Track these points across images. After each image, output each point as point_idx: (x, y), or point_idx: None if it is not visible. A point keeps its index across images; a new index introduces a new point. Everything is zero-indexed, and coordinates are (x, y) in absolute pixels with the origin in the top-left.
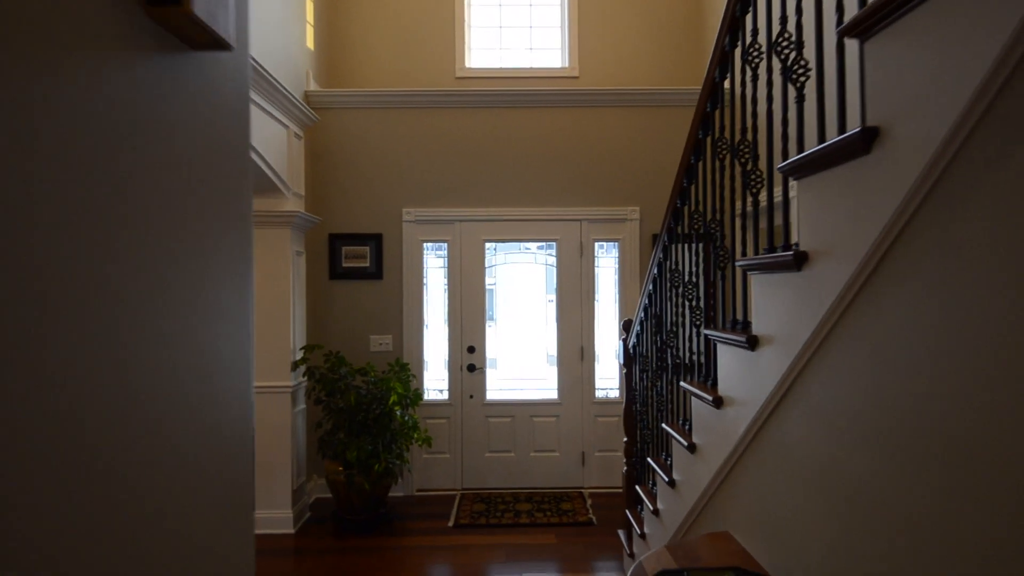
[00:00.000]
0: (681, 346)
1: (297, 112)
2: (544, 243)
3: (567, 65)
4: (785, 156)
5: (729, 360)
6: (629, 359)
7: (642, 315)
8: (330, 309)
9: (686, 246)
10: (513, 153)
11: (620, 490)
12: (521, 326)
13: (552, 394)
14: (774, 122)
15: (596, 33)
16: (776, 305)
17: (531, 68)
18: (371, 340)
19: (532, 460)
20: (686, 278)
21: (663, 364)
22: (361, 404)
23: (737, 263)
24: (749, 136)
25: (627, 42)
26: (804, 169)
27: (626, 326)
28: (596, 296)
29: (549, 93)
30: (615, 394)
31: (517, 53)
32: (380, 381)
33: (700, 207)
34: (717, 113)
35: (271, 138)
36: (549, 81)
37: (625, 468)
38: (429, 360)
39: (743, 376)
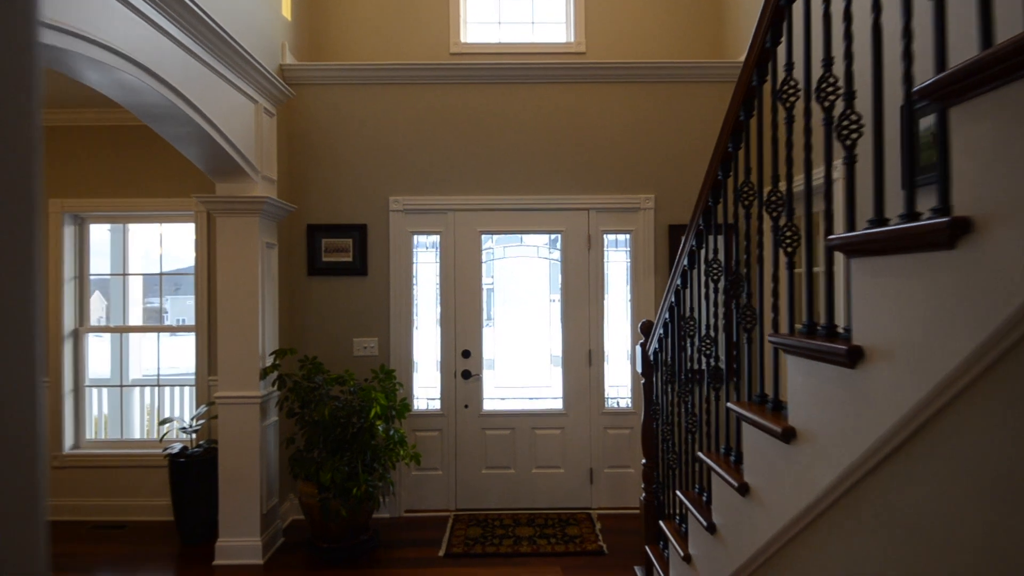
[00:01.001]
0: (721, 352)
1: (269, 86)
2: (547, 235)
3: (572, 40)
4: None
5: (808, 378)
6: (649, 367)
7: (667, 316)
8: (308, 309)
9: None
10: (513, 135)
11: (634, 511)
12: (522, 328)
13: (556, 403)
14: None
15: (604, 3)
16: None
17: (533, 43)
18: (354, 343)
19: (534, 478)
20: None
21: (694, 374)
22: (337, 418)
23: (769, 338)
24: (782, 184)
25: (638, 13)
26: (861, 248)
27: (644, 328)
28: (605, 294)
29: (553, 67)
30: (627, 403)
31: (518, 27)
32: (360, 391)
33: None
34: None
35: (235, 113)
36: (553, 58)
37: (644, 495)
38: (419, 366)
39: (834, 400)
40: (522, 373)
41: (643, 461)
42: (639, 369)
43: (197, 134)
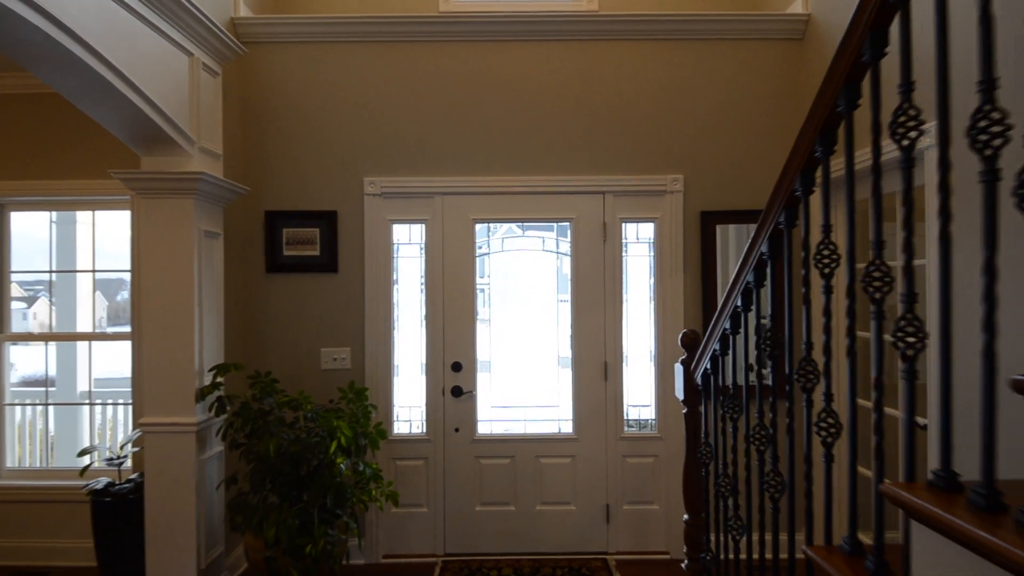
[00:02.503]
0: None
1: (210, 37)
2: (554, 224)
3: None
4: None
5: None
6: (696, 394)
7: (727, 325)
8: (266, 313)
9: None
10: (514, 104)
11: (660, 556)
12: (524, 336)
13: (566, 426)
14: None
15: None
16: None
17: (535, 1)
18: (322, 355)
19: (539, 516)
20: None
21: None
22: (287, 455)
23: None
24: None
25: None
26: None
27: (688, 342)
28: (624, 296)
29: (562, 20)
30: (651, 425)
31: None
32: (320, 418)
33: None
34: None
35: (159, 64)
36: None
37: (686, 563)
38: (400, 381)
39: None
40: (524, 390)
41: (685, 517)
42: (679, 394)
43: (101, 88)
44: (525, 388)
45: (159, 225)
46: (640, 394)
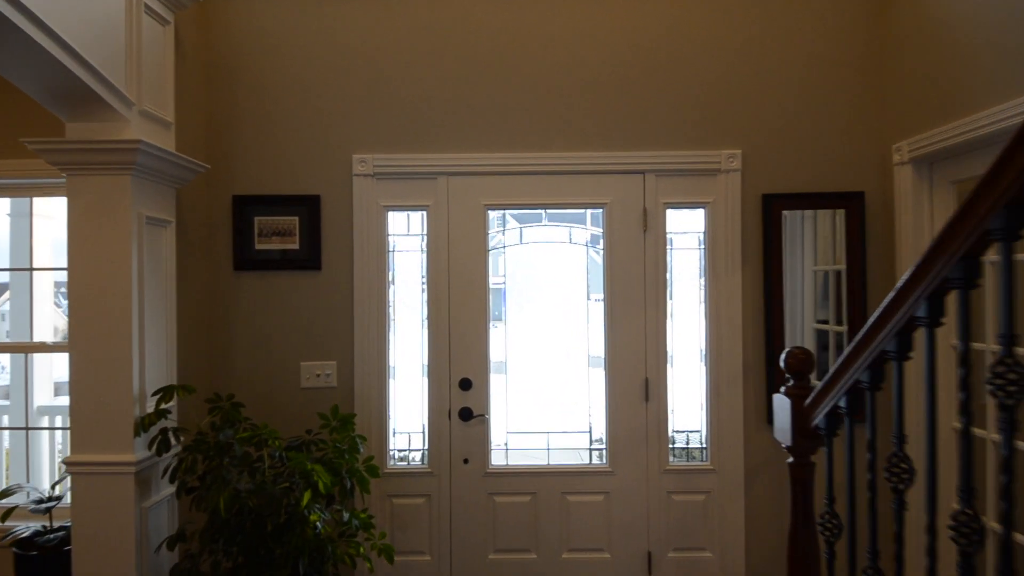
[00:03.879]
0: None
1: None
2: (584, 211)
3: None
4: None
5: None
6: (811, 439)
7: (894, 346)
8: (234, 320)
9: None
10: (535, 64)
11: None
12: (547, 347)
13: (598, 456)
14: None
15: None
16: None
17: None
18: (303, 370)
19: (565, 566)
20: None
21: None
22: (244, 510)
23: None
24: None
25: None
26: None
27: (796, 364)
28: (669, 297)
29: None
30: (701, 453)
31: None
32: (292, 459)
33: None
34: None
35: (81, 2)
36: None
37: None
38: (398, 401)
39: None
40: (548, 413)
41: None
42: (782, 438)
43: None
44: (549, 410)
45: (85, 209)
46: (688, 417)
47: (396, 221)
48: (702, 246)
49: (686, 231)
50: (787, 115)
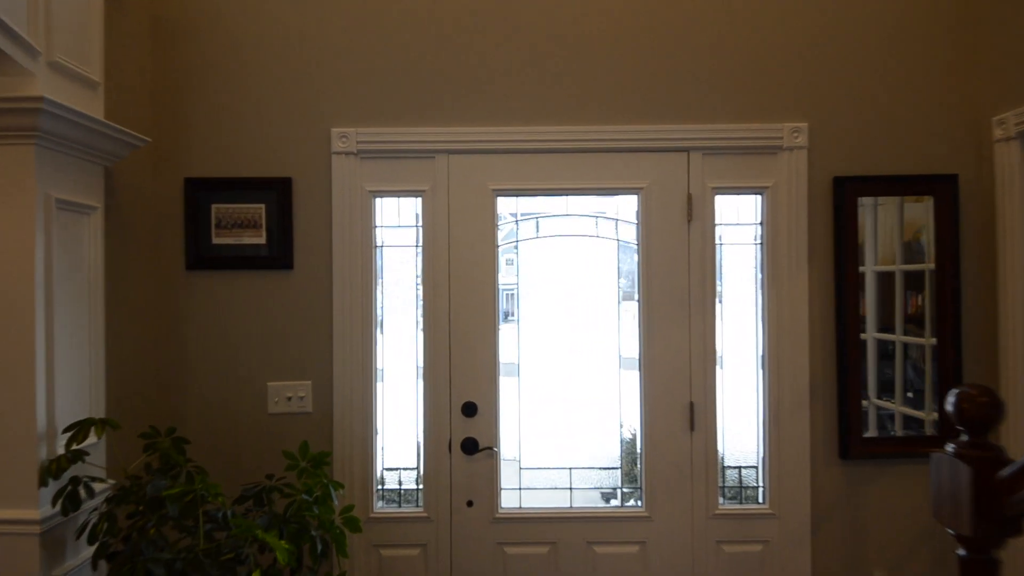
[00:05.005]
0: None
1: None
2: (614, 198)
3: None
4: None
5: None
6: (1002, 527)
7: None
8: (186, 331)
9: None
10: (554, 18)
11: None
12: (569, 364)
13: (632, 498)
14: None
15: None
16: None
17: None
18: (270, 392)
19: None
20: None
21: None
22: None
23: None
24: None
25: None
26: None
27: (976, 411)
28: (719, 301)
29: None
30: (755, 490)
31: None
32: (238, 527)
33: None
34: None
35: None
36: None
37: None
38: (387, 429)
39: None
40: (570, 445)
41: None
42: (950, 522)
43: None
44: (571, 442)
45: None
46: (742, 449)
47: (385, 210)
48: (759, 240)
49: (739, 222)
50: (863, 81)
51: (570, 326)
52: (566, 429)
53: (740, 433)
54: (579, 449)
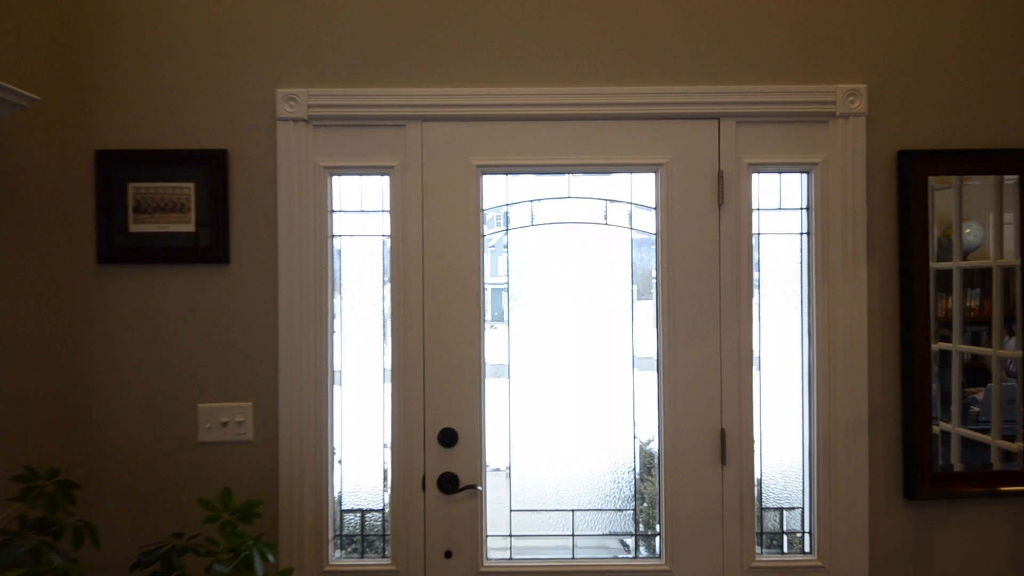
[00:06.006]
0: None
1: None
2: (626, 175)
3: None
4: None
5: None
6: None
7: None
8: (96, 338)
9: None
10: None
11: None
12: (571, 379)
13: (649, 546)
14: None
15: None
16: None
17: None
18: (201, 416)
19: None
20: None
21: None
22: None
23: None
24: None
25: None
26: None
27: None
28: (756, 304)
29: None
30: (800, 536)
31: None
32: None
33: None
34: None
35: None
36: None
37: None
38: (346, 461)
39: None
40: (572, 480)
41: None
42: None
43: None
44: (574, 477)
45: None
46: (783, 486)
47: (344, 191)
48: (805, 229)
49: (782, 206)
50: (934, 33)
51: (571, 335)
52: (567, 460)
53: (781, 467)
54: (583, 485)
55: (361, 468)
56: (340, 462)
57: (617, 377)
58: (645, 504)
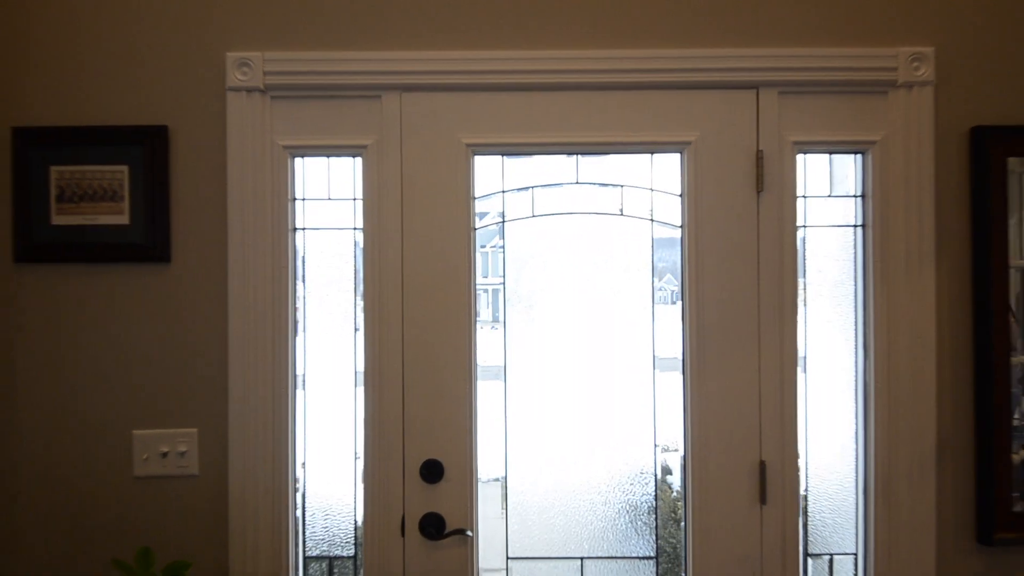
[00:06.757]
0: None
1: None
2: (649, 153)
3: None
4: None
5: None
6: None
7: None
8: (15, 351)
9: None
10: None
11: None
12: (577, 398)
13: None
14: None
15: None
16: None
17: None
18: (137, 444)
19: None
20: None
21: None
22: None
23: None
24: None
25: None
26: None
27: None
28: (802, 309)
29: None
30: None
31: None
32: None
33: None
34: None
35: None
36: None
37: None
38: (309, 500)
39: None
40: (578, 521)
41: None
42: None
43: None
44: (583, 521)
45: None
46: (833, 527)
47: (309, 175)
48: (860, 220)
49: (832, 193)
50: None
51: (578, 347)
52: (575, 495)
53: (831, 503)
54: (595, 528)
55: (329, 506)
56: (303, 498)
57: (636, 399)
58: (668, 546)
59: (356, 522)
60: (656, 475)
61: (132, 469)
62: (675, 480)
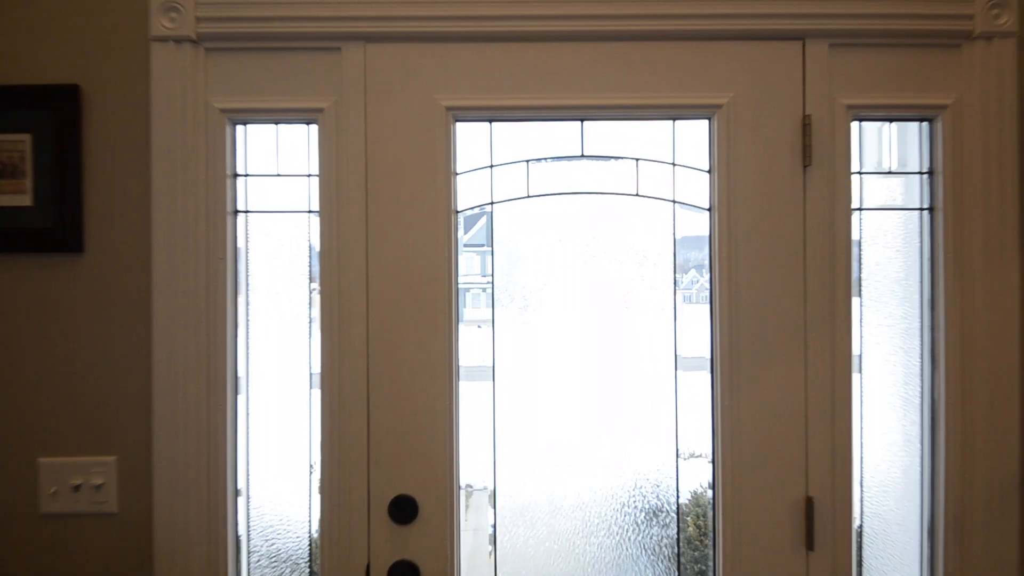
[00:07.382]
0: None
1: None
2: (671, 120)
3: None
4: None
5: None
6: None
7: None
8: None
9: None
10: None
11: None
12: (582, 418)
13: None
14: None
15: None
16: None
17: None
18: (43, 475)
19: None
20: None
21: None
22: None
23: None
24: None
25: None
26: None
27: None
28: (859, 309)
29: None
30: None
31: None
32: None
33: None
34: None
35: None
36: None
37: None
38: (253, 540)
39: None
40: (584, 566)
41: None
42: None
43: None
44: (587, 562)
45: None
46: (891, 571)
47: (253, 146)
48: (928, 202)
49: (892, 169)
50: None
51: (586, 354)
52: (582, 533)
53: (889, 547)
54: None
55: (278, 550)
56: (248, 540)
57: (654, 415)
58: None
59: (312, 570)
60: (679, 515)
61: (38, 506)
62: (708, 514)
